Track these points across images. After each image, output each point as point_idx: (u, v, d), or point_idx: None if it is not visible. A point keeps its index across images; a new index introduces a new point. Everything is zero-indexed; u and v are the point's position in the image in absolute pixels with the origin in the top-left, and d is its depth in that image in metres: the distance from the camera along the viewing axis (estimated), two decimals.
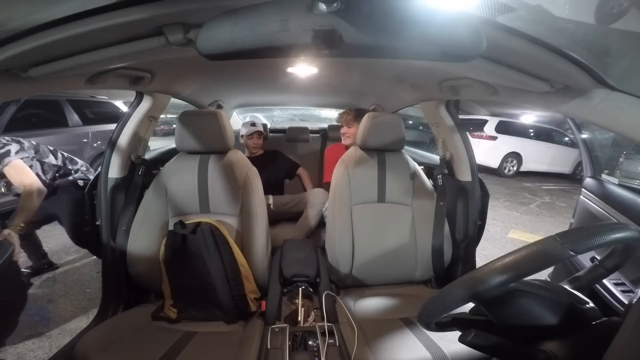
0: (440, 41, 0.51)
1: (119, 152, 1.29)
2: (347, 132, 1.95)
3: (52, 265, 2.24)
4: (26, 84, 0.71)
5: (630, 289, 1.11)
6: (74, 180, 1.86)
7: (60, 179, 1.84)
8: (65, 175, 1.85)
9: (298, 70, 1.37)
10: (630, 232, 0.43)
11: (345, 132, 1.97)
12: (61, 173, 1.84)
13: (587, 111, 0.69)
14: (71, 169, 1.89)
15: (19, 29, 0.54)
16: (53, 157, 1.83)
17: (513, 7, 0.52)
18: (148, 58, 0.88)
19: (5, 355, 1.50)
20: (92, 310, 1.78)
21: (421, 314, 0.56)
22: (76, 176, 1.89)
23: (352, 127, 1.92)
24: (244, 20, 0.48)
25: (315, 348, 0.91)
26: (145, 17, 0.53)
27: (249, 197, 1.24)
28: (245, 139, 2.11)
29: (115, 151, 1.28)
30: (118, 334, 0.99)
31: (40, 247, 2.16)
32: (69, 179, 1.85)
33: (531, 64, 0.68)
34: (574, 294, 0.51)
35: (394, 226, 1.36)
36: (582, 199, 1.59)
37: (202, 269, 1.13)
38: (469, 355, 0.88)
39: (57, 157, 1.86)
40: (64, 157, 1.91)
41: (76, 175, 1.89)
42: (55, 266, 2.25)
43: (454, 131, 1.43)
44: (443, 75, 1.12)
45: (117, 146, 1.29)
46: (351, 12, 0.46)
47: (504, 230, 3.47)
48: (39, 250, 2.16)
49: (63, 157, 1.90)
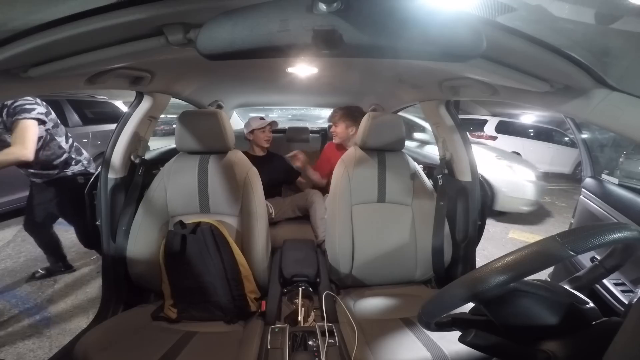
0: (441, 41, 0.51)
1: (119, 152, 1.29)
2: (335, 130, 1.95)
3: (69, 268, 2.20)
4: (26, 84, 0.71)
5: (630, 289, 1.11)
6: (73, 175, 1.82)
7: (60, 170, 1.78)
8: (66, 164, 1.80)
9: (298, 70, 1.37)
10: (630, 232, 0.43)
11: (333, 130, 1.97)
12: (62, 160, 1.77)
13: (587, 111, 0.69)
14: (74, 158, 1.84)
15: (19, 29, 0.54)
16: (64, 140, 1.79)
17: (513, 7, 0.52)
18: (148, 58, 0.88)
19: (6, 355, 1.50)
20: (92, 310, 1.78)
21: (421, 314, 0.56)
22: (75, 169, 1.84)
23: (338, 125, 1.92)
24: (243, 20, 0.48)
25: (315, 348, 0.91)
26: (145, 17, 0.53)
27: (249, 197, 1.24)
28: (258, 133, 2.04)
29: (115, 151, 1.28)
30: (118, 334, 0.99)
31: (59, 247, 2.11)
32: (68, 174, 1.80)
33: (531, 64, 0.68)
34: (574, 294, 0.51)
35: (394, 226, 1.36)
36: (582, 199, 1.59)
37: (202, 269, 1.13)
38: (469, 355, 0.88)
39: (68, 141, 1.82)
40: (72, 144, 1.86)
41: (75, 167, 1.84)
42: (72, 269, 2.20)
43: (454, 131, 1.43)
44: (443, 75, 1.12)
45: (117, 146, 1.29)
46: (351, 12, 0.46)
47: (504, 230, 3.47)
48: (57, 251, 2.11)
49: (71, 144, 1.86)
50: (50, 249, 2.08)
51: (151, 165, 1.41)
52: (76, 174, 1.83)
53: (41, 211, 1.88)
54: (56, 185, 1.80)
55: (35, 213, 1.88)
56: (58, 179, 1.78)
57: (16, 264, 2.21)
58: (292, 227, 1.86)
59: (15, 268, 2.23)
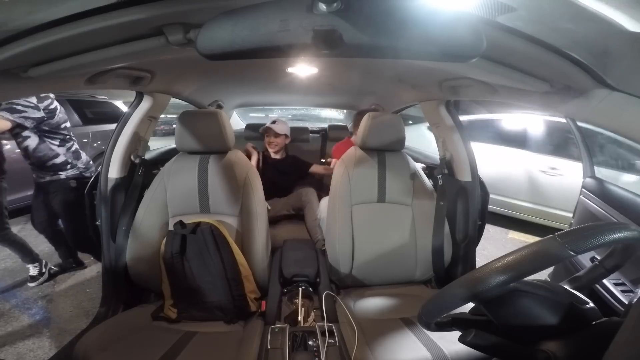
0: (441, 41, 0.51)
1: (119, 152, 1.29)
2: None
3: (80, 265, 2.26)
4: (26, 84, 0.71)
5: (630, 289, 1.11)
6: (66, 179, 1.85)
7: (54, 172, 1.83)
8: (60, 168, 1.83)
9: (298, 70, 1.37)
10: (630, 232, 0.43)
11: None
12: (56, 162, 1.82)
13: (587, 111, 0.69)
14: (70, 162, 1.87)
15: (19, 29, 0.54)
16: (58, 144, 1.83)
17: (513, 7, 0.51)
18: (148, 58, 0.88)
19: (5, 355, 1.50)
20: (92, 310, 1.77)
21: (421, 314, 0.56)
22: (70, 173, 1.86)
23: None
24: (244, 20, 0.48)
25: (315, 348, 0.91)
26: (145, 17, 0.53)
27: (249, 197, 1.24)
28: (265, 138, 2.08)
29: (115, 151, 1.28)
30: (118, 334, 0.99)
31: (68, 244, 2.17)
32: (61, 177, 1.84)
33: (531, 64, 0.68)
34: (574, 294, 0.50)
35: (394, 226, 1.36)
36: (582, 199, 1.59)
37: (202, 269, 1.13)
38: (469, 355, 0.88)
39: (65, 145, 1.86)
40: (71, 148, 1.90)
41: (70, 172, 1.87)
42: (84, 266, 2.27)
43: (454, 131, 1.43)
44: (443, 75, 1.12)
45: (117, 146, 1.29)
46: (351, 12, 0.46)
47: (504, 230, 3.47)
48: (67, 248, 2.17)
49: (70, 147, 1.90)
50: (60, 245, 2.14)
51: (151, 165, 1.41)
52: (69, 178, 1.87)
53: (42, 209, 1.95)
54: (50, 187, 1.86)
55: (38, 211, 1.97)
56: (52, 181, 1.84)
57: (16, 263, 2.21)
58: (292, 227, 1.86)
59: (15, 268, 2.23)
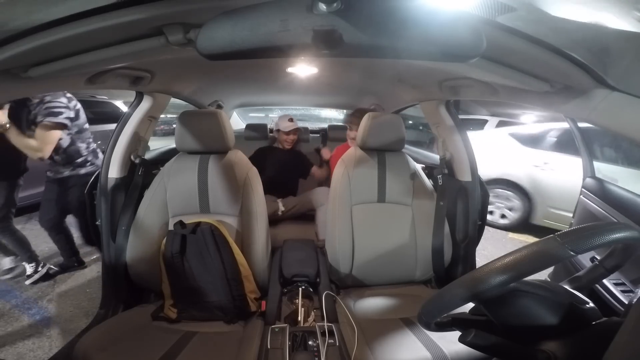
0: (441, 41, 0.51)
1: (119, 152, 1.29)
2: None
3: (82, 264, 2.28)
4: (26, 84, 0.71)
5: (630, 289, 1.11)
6: (84, 174, 1.89)
7: (74, 168, 1.88)
8: (80, 166, 1.89)
9: (298, 70, 1.38)
10: (630, 232, 0.43)
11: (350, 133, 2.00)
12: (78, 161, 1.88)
13: (587, 111, 0.69)
14: (89, 160, 1.93)
15: (19, 29, 0.54)
16: (85, 146, 1.90)
17: (513, 7, 0.51)
18: (148, 58, 0.88)
19: (6, 355, 1.50)
20: (92, 310, 1.77)
21: (421, 314, 0.56)
22: (89, 169, 1.92)
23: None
24: (244, 21, 0.48)
25: (315, 348, 0.91)
26: (145, 17, 0.53)
27: (249, 197, 1.24)
28: (282, 134, 2.10)
29: (115, 151, 1.28)
30: (118, 334, 0.99)
31: (72, 243, 2.20)
32: (81, 173, 1.89)
33: (531, 64, 0.68)
34: (574, 294, 0.50)
35: (394, 226, 1.36)
36: (582, 199, 1.59)
37: (202, 269, 1.13)
38: (469, 355, 0.88)
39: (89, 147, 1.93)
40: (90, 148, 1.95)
41: (89, 169, 1.92)
42: (84, 265, 2.29)
43: (454, 131, 1.43)
44: (443, 75, 1.12)
45: (117, 146, 1.29)
46: (351, 12, 0.46)
47: (504, 230, 3.47)
48: (70, 247, 2.19)
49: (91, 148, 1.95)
50: (64, 244, 2.16)
51: (151, 165, 1.41)
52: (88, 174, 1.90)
53: (54, 206, 1.97)
54: (70, 181, 1.89)
55: (49, 207, 1.98)
56: (71, 176, 1.89)
57: None
58: (293, 227, 1.86)
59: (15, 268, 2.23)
